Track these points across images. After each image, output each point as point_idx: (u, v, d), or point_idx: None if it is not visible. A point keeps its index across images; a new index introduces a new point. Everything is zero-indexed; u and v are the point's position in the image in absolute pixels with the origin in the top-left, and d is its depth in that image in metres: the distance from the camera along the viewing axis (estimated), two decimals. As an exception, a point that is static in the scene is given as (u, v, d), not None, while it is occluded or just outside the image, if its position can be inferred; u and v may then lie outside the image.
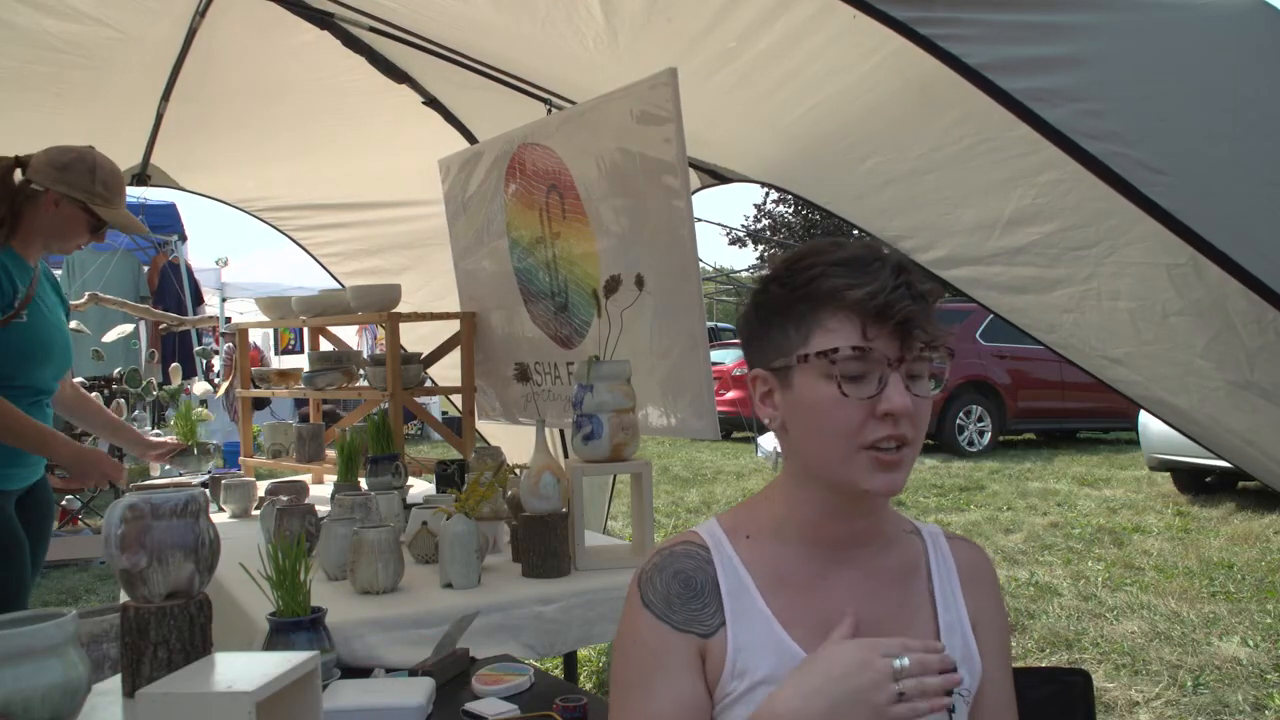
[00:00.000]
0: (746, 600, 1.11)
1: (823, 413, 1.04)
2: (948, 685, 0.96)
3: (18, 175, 2.42)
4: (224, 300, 10.73)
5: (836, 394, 1.02)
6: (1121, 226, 2.09)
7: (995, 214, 2.40)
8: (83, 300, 5.66)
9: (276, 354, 12.59)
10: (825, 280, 1.03)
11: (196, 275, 8.82)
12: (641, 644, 1.10)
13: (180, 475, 3.23)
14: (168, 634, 1.45)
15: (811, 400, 1.05)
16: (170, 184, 4.57)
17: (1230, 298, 1.94)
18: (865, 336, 1.01)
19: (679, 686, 1.08)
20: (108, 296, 5.95)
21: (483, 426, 4.05)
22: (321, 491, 3.30)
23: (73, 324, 5.51)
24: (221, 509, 3.14)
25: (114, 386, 6.11)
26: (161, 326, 6.49)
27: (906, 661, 0.96)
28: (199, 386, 5.69)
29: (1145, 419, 7.41)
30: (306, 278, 7.85)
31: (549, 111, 3.17)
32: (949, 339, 1.05)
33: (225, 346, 8.37)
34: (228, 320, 10.20)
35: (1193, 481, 7.73)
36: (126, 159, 4.27)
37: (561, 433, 4.14)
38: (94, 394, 5.71)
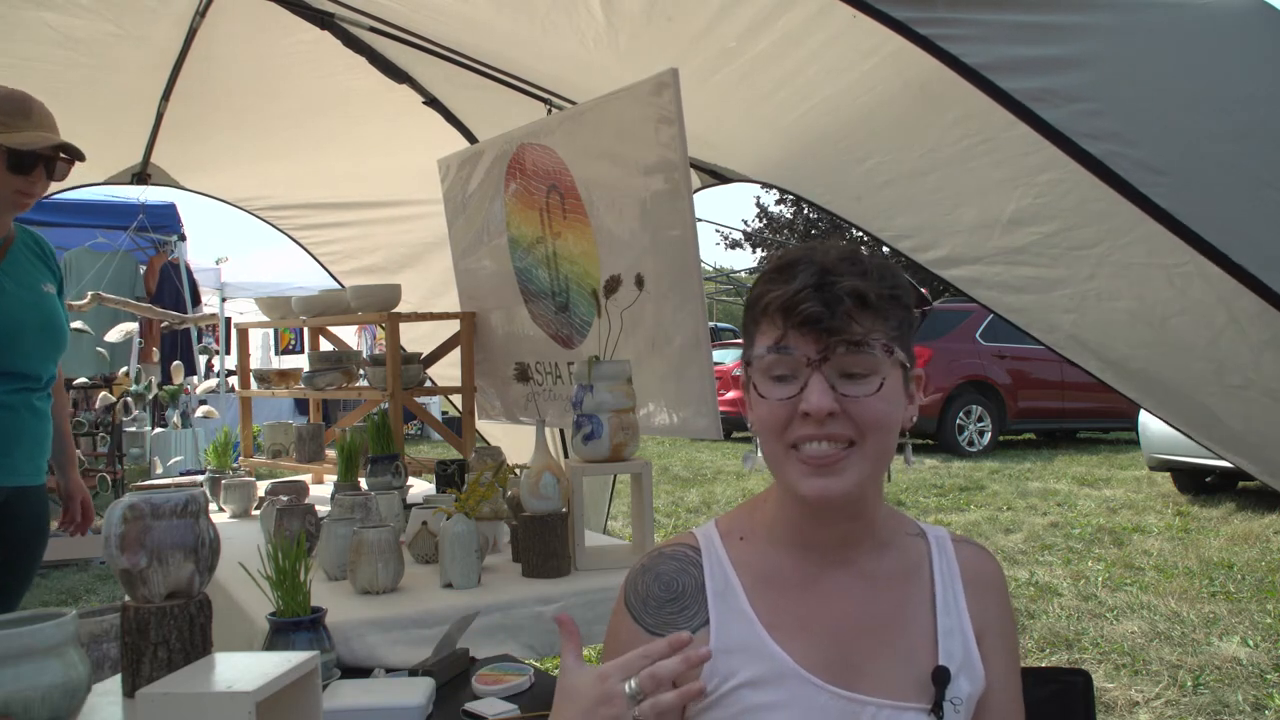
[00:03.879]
0: (732, 602, 1.11)
1: (757, 414, 1.08)
2: (684, 698, 0.94)
3: None
4: (224, 300, 10.73)
5: (766, 395, 1.06)
6: (1123, 227, 2.09)
7: (996, 213, 2.40)
8: (85, 300, 5.67)
9: (277, 354, 12.60)
10: (759, 288, 1.09)
11: (196, 275, 8.81)
12: (619, 643, 1.13)
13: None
14: (168, 634, 1.45)
15: (752, 402, 1.09)
16: (170, 183, 4.58)
17: (1235, 295, 1.93)
18: (783, 338, 1.04)
19: None
20: (110, 296, 5.96)
21: (483, 426, 4.05)
22: (321, 491, 3.30)
23: (76, 324, 5.54)
24: (221, 509, 3.14)
25: (116, 386, 6.12)
26: (163, 325, 6.49)
27: (634, 684, 0.94)
28: (203, 385, 5.69)
29: (1145, 419, 7.41)
30: (306, 278, 7.85)
31: (549, 112, 3.17)
32: (874, 336, 1.03)
33: None
34: (228, 320, 10.20)
35: (1193, 481, 7.74)
36: (126, 158, 4.28)
37: (561, 432, 4.14)
38: (102, 392, 5.73)
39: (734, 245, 23.91)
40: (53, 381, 2.45)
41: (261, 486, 3.09)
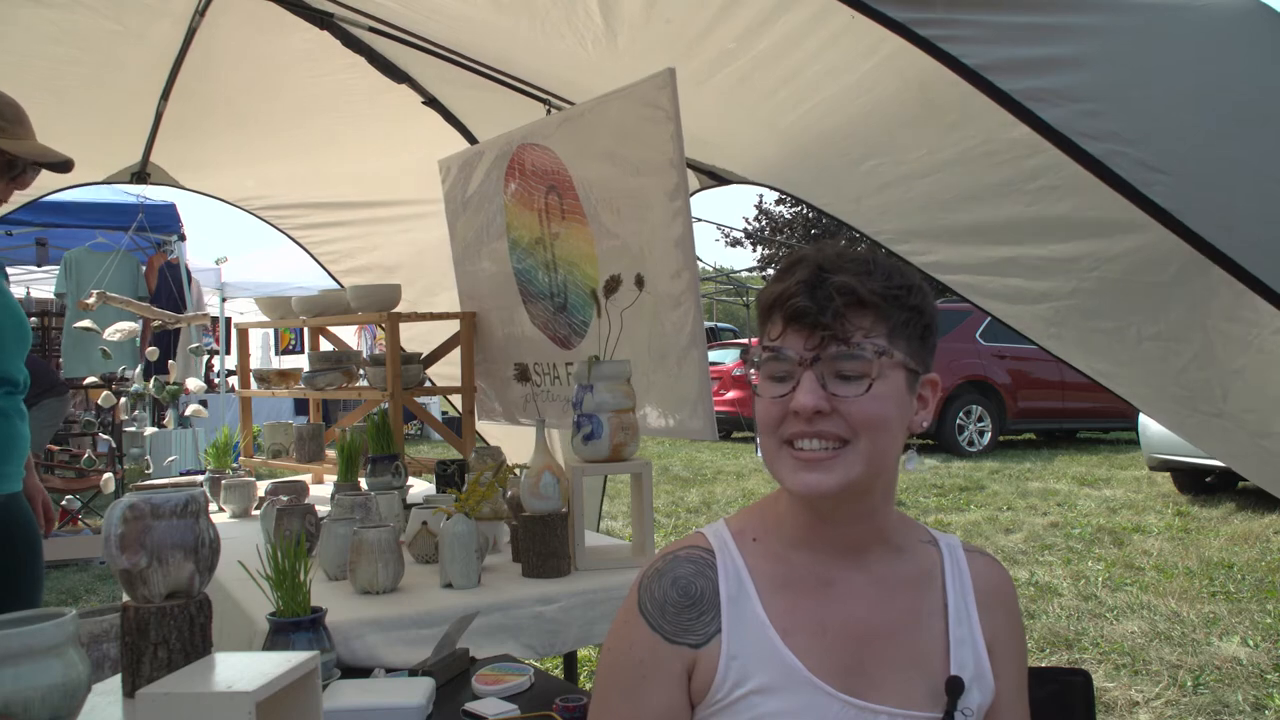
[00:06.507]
0: (745, 606, 1.09)
1: (756, 410, 1.10)
2: None
3: None
4: (224, 300, 10.73)
5: (762, 394, 1.08)
6: (1107, 240, 2.09)
7: (989, 220, 2.40)
8: (91, 300, 5.69)
9: (277, 354, 12.60)
10: (766, 286, 1.11)
11: (196, 275, 8.81)
12: (632, 651, 1.10)
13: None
14: (168, 634, 1.45)
15: (754, 399, 1.10)
16: (170, 182, 4.58)
17: (1211, 316, 1.93)
18: (780, 336, 1.06)
19: (662, 701, 1.08)
20: (116, 295, 5.96)
21: (483, 427, 4.05)
22: (321, 491, 3.30)
23: (85, 323, 5.53)
24: (221, 509, 3.14)
25: (116, 386, 6.11)
26: (155, 324, 6.48)
27: None
28: (193, 383, 5.69)
29: (1145, 419, 7.42)
30: (306, 278, 7.85)
31: (548, 112, 3.17)
32: (867, 335, 1.02)
33: None
34: (228, 320, 10.19)
35: (1193, 481, 7.74)
36: (126, 157, 4.28)
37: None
38: (104, 392, 5.74)
39: (734, 243, 23.92)
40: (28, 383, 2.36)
41: (261, 486, 3.09)
